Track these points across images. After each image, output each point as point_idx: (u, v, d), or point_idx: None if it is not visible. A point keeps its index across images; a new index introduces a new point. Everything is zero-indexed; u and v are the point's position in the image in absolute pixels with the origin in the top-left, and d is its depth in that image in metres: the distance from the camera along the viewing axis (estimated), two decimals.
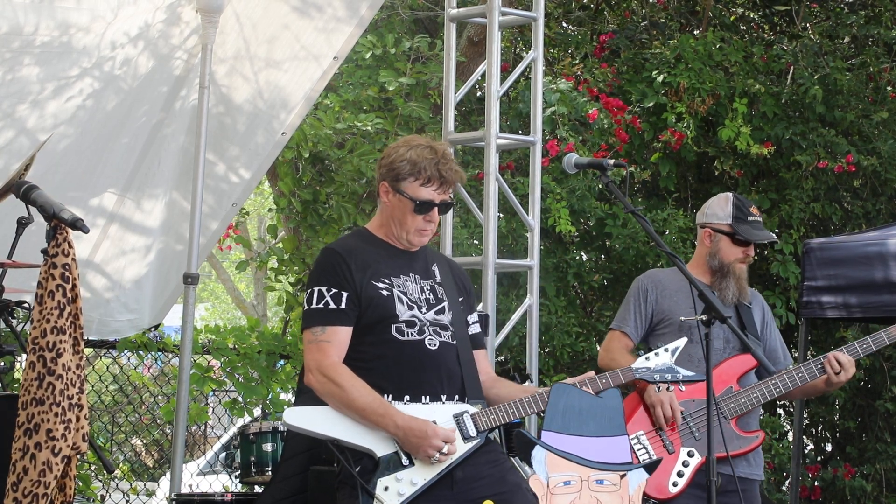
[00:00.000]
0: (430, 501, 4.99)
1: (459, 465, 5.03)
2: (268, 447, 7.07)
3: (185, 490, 7.96)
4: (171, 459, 7.69)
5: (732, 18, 11.60)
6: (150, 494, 10.21)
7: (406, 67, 10.44)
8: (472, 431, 5.03)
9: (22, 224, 6.60)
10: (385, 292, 5.10)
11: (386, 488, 4.98)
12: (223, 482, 10.54)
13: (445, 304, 5.18)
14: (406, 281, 5.16)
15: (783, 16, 11.51)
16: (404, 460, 5.01)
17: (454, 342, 5.15)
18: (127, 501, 9.59)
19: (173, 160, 8.08)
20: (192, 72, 7.82)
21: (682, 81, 10.01)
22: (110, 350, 9.39)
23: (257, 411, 9.36)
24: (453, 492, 5.03)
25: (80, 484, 8.49)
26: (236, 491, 7.77)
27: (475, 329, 5.30)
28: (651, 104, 10.12)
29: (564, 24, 11.51)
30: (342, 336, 5.07)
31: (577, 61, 10.66)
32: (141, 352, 9.19)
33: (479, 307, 7.71)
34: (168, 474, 8.19)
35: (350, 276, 5.09)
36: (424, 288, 5.18)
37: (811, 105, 10.18)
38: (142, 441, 12.28)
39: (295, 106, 8.23)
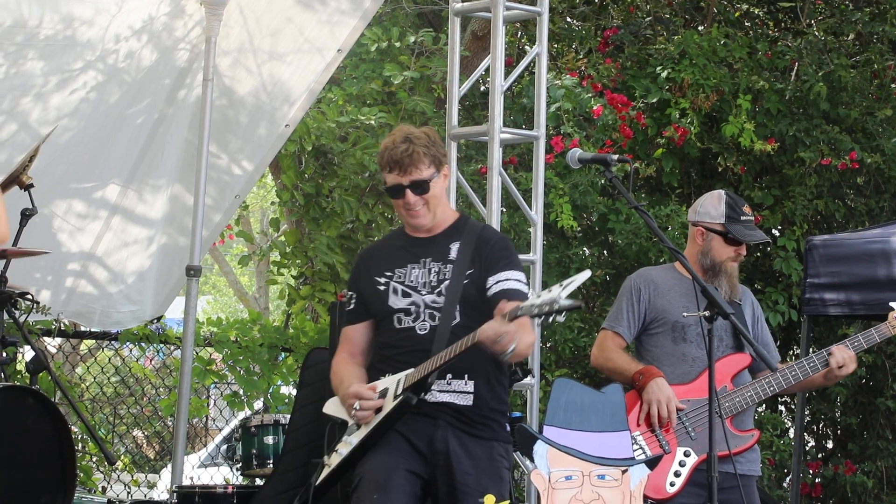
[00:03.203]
0: (405, 457, 5.23)
1: (450, 448, 5.21)
2: (269, 440, 7.09)
3: (186, 482, 7.98)
4: (173, 451, 7.70)
5: (737, 15, 11.59)
6: (152, 486, 10.22)
7: (410, 61, 10.43)
8: (399, 389, 5.21)
9: (26, 215, 6.62)
10: (381, 287, 5.39)
11: (336, 451, 5.32)
12: (224, 474, 10.55)
13: (445, 283, 5.31)
14: (413, 268, 5.38)
15: (788, 12, 11.50)
16: (353, 425, 5.33)
17: (440, 321, 5.27)
18: (128, 493, 9.59)
19: (176, 152, 8.09)
20: (196, 64, 7.82)
21: (686, 77, 10.00)
22: (112, 342, 9.41)
23: (258, 405, 9.36)
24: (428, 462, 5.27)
25: (82, 475, 8.50)
26: (237, 483, 7.78)
27: (497, 287, 5.29)
28: (655, 100, 10.11)
29: (569, 20, 11.50)
30: (352, 333, 5.50)
31: (581, 56, 10.65)
32: (143, 344, 9.21)
33: None
34: (169, 466, 8.20)
35: (359, 278, 5.50)
36: (432, 270, 5.36)
37: (815, 102, 10.17)
38: (143, 433, 12.29)
39: (298, 99, 8.23)
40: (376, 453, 5.23)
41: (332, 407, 5.50)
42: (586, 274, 4.97)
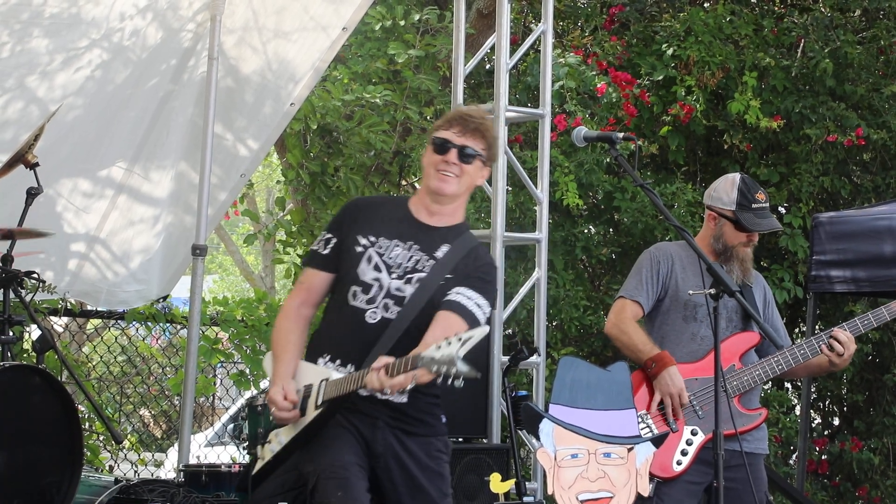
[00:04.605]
0: (357, 452, 5.07)
1: (389, 451, 5.07)
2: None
3: (192, 461, 7.99)
4: (179, 430, 7.71)
5: None
6: (158, 465, 10.24)
7: (415, 39, 10.41)
8: (320, 399, 5.03)
9: (31, 194, 6.61)
10: (359, 248, 5.14)
11: (269, 442, 5.20)
12: (231, 453, 10.58)
13: (419, 275, 5.10)
14: (396, 245, 5.14)
15: None
16: None
17: (396, 317, 5.06)
18: (135, 472, 9.62)
19: (182, 131, 8.07)
20: (201, 43, 7.80)
21: (692, 55, 9.98)
22: (119, 321, 9.41)
23: (264, 383, 9.38)
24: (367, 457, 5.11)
25: (89, 454, 8.52)
26: (244, 462, 7.78)
27: (453, 297, 5.06)
28: (660, 77, 10.09)
29: None
30: (315, 280, 5.26)
31: (586, 34, 10.63)
32: (149, 323, 9.21)
33: None
34: (176, 445, 8.22)
35: (344, 225, 5.22)
36: (413, 257, 5.13)
37: (821, 78, 10.14)
38: (150, 412, 12.32)
39: (303, 77, 8.22)
40: (328, 448, 5.05)
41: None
42: (485, 330, 4.70)
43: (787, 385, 10.98)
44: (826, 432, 11.02)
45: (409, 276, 5.10)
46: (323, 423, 5.03)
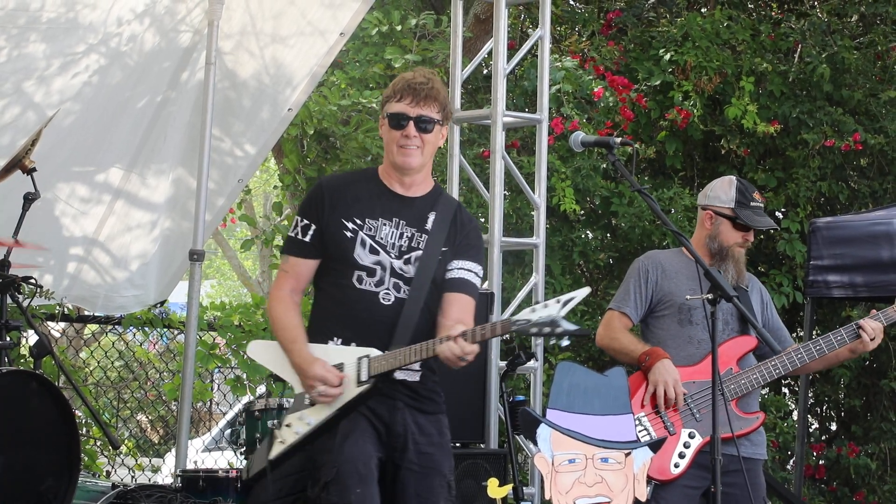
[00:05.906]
0: (374, 443, 5.07)
1: (409, 430, 5.09)
2: (272, 424, 7.08)
3: (190, 466, 7.99)
4: (177, 436, 7.70)
5: None
6: (156, 470, 10.23)
7: (412, 44, 10.42)
8: (364, 375, 5.02)
9: (28, 200, 6.61)
10: (349, 234, 5.11)
11: (288, 425, 5.13)
12: (228, 459, 10.57)
13: (418, 253, 5.14)
14: (384, 224, 5.15)
15: None
16: (307, 399, 5.12)
17: (409, 297, 5.10)
18: (132, 477, 9.61)
19: (179, 136, 8.08)
20: (198, 48, 7.81)
21: (689, 60, 9.99)
22: (116, 326, 9.40)
23: (261, 389, 9.37)
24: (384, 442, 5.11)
25: (86, 459, 8.51)
26: (241, 467, 7.78)
27: (457, 274, 5.17)
28: (658, 82, 10.09)
29: (571, 2, 11.48)
30: (302, 268, 5.19)
31: (583, 39, 10.63)
32: (146, 328, 9.20)
33: (485, 286, 7.71)
34: (173, 450, 8.22)
35: (321, 211, 5.16)
36: (405, 234, 5.15)
37: (818, 83, 10.15)
38: (147, 417, 12.30)
39: (300, 82, 8.22)
40: (349, 439, 5.04)
41: (259, 351, 5.35)
42: (586, 291, 4.79)
43: (785, 390, 10.97)
44: (823, 437, 11.01)
45: (407, 255, 5.14)
46: (363, 403, 5.03)
